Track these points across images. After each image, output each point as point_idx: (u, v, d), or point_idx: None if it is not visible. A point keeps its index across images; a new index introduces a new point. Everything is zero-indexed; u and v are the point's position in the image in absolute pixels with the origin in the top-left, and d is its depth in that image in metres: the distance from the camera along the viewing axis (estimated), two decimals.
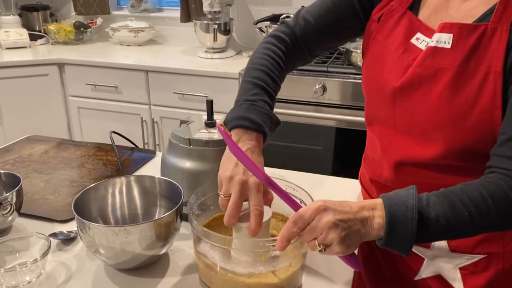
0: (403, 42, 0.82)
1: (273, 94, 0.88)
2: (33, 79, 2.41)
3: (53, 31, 2.71)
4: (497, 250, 0.83)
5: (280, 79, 0.92)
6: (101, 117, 2.46)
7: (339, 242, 0.65)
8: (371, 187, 0.96)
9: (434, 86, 0.76)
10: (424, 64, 0.78)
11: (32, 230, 0.87)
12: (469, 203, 0.66)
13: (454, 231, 0.68)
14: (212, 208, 0.86)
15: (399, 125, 0.83)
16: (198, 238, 0.75)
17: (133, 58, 2.44)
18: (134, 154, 1.28)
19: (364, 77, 0.91)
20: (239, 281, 0.72)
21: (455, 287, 0.86)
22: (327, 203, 0.67)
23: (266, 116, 0.82)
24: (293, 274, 0.74)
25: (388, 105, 0.84)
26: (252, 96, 0.84)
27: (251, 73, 0.88)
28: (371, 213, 0.67)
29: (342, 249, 0.66)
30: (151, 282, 0.78)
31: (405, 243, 0.66)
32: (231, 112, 0.83)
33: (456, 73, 0.74)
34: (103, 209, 0.86)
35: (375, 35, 0.88)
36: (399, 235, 0.66)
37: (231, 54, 2.46)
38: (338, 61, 2.09)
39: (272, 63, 0.90)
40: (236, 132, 0.79)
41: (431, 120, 0.77)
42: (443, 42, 0.76)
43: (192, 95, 2.22)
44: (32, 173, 1.15)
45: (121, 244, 0.73)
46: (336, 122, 1.96)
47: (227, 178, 0.74)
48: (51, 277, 0.79)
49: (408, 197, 0.67)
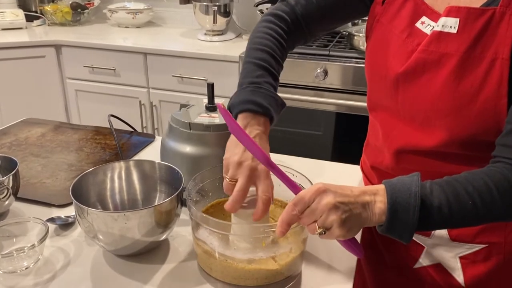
0: (408, 26, 0.80)
1: (276, 75, 0.86)
2: (30, 61, 2.38)
3: (49, 12, 2.66)
4: (498, 240, 0.82)
5: (283, 59, 0.90)
6: (99, 100, 2.44)
7: (340, 224, 0.64)
8: (372, 174, 0.95)
9: (438, 72, 0.74)
10: (428, 49, 0.75)
11: (29, 215, 0.86)
12: (473, 192, 0.65)
13: (457, 220, 0.67)
14: (211, 195, 0.85)
15: (402, 112, 0.81)
16: (196, 224, 0.74)
17: (131, 40, 2.40)
18: (133, 138, 1.26)
19: (367, 62, 0.89)
20: (238, 267, 0.71)
21: (454, 276, 0.86)
22: (327, 186, 0.66)
23: (272, 99, 0.80)
24: (293, 260, 0.73)
25: (391, 92, 0.82)
26: (256, 78, 0.82)
27: (253, 54, 0.86)
28: (372, 198, 0.66)
29: (342, 232, 0.65)
30: (151, 268, 0.77)
31: (407, 230, 0.65)
32: (235, 95, 0.81)
33: (462, 59, 0.72)
34: (101, 194, 0.85)
35: (379, 18, 0.85)
36: (400, 222, 0.65)
37: (231, 37, 2.43)
38: (340, 45, 2.06)
39: (274, 42, 0.88)
40: (244, 116, 0.78)
41: (435, 107, 0.75)
42: (449, 26, 0.73)
43: (191, 78, 2.20)
44: (29, 156, 1.14)
45: (120, 230, 0.72)
46: (336, 107, 1.94)
47: (235, 163, 0.73)
48: (49, 263, 0.78)
49: (411, 184, 0.66)
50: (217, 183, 0.82)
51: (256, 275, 0.71)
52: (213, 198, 0.85)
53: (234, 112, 0.79)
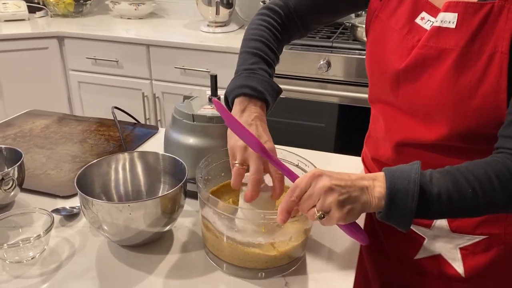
0: (408, 22, 0.79)
1: (271, 63, 0.87)
2: (33, 53, 2.38)
3: (52, 3, 2.66)
4: (498, 231, 0.82)
5: (278, 50, 0.91)
6: (102, 92, 2.44)
7: (338, 206, 0.64)
8: (373, 166, 0.95)
9: (438, 67, 0.74)
10: (428, 45, 0.75)
11: (34, 206, 0.87)
12: (473, 181, 0.65)
13: (456, 209, 0.67)
14: (223, 175, 0.86)
15: (403, 106, 0.82)
16: (204, 205, 0.74)
17: (134, 32, 2.39)
18: (136, 129, 1.27)
19: (368, 58, 0.89)
20: (238, 248, 0.72)
21: (455, 267, 0.86)
22: (323, 171, 0.66)
23: (267, 84, 0.81)
24: (293, 248, 0.74)
25: (392, 87, 0.82)
26: (251, 65, 0.83)
27: (248, 44, 0.88)
28: (371, 183, 0.66)
29: (341, 214, 0.64)
30: (155, 259, 0.78)
31: (405, 217, 0.65)
32: (231, 82, 0.82)
33: (461, 54, 0.72)
34: (106, 185, 0.86)
35: (378, 13, 0.85)
36: (399, 208, 0.64)
37: (234, 28, 2.42)
38: (343, 36, 2.06)
39: (269, 33, 0.89)
40: (240, 100, 0.79)
41: (435, 102, 0.75)
42: (447, 22, 0.73)
43: (194, 70, 2.20)
44: (34, 148, 1.14)
45: (125, 221, 0.72)
46: (339, 98, 1.94)
47: (242, 148, 0.73)
48: (55, 253, 0.78)
49: (411, 171, 0.65)
50: (222, 167, 0.84)
51: (255, 259, 0.72)
52: (220, 181, 0.86)
53: (230, 97, 0.81)
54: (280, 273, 0.74)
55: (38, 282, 0.72)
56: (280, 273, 0.74)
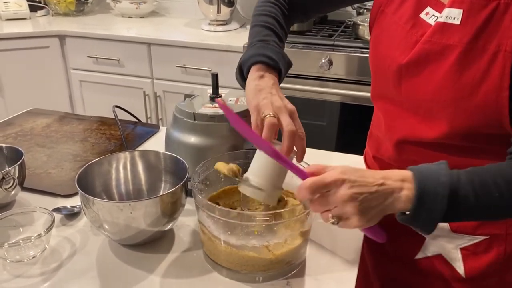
0: (412, 16, 0.79)
1: (281, 38, 0.90)
2: (34, 51, 2.38)
3: (53, 2, 2.66)
4: (499, 232, 0.81)
5: (287, 26, 0.95)
6: (103, 91, 2.44)
7: (358, 215, 0.63)
8: (375, 164, 0.95)
9: (441, 63, 0.74)
10: (431, 40, 0.75)
11: (35, 205, 0.86)
12: (501, 183, 0.64)
13: (482, 212, 0.66)
14: (218, 182, 0.85)
15: (404, 102, 0.81)
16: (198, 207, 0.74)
17: (135, 31, 2.39)
18: (138, 128, 1.27)
19: (371, 53, 0.89)
20: (233, 252, 0.71)
21: (455, 267, 0.85)
22: (347, 175, 0.64)
23: (280, 55, 0.84)
24: (289, 251, 0.73)
25: (394, 83, 0.81)
26: (264, 36, 0.87)
27: (259, 18, 0.92)
28: (399, 185, 0.64)
29: (361, 222, 0.64)
30: (156, 258, 0.77)
31: (432, 220, 0.64)
32: (245, 52, 0.85)
33: (464, 50, 0.71)
34: (107, 184, 0.85)
35: (384, 8, 0.85)
36: (427, 211, 0.63)
37: (235, 27, 2.42)
38: (345, 34, 2.05)
39: (277, 9, 0.94)
40: (257, 68, 0.81)
41: (436, 98, 0.75)
42: (452, 17, 0.72)
43: (195, 68, 2.19)
44: (35, 147, 1.14)
45: (126, 220, 0.72)
46: (341, 97, 1.94)
47: (269, 104, 0.74)
48: (56, 252, 0.78)
49: (439, 172, 0.64)
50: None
51: (251, 262, 0.71)
52: (219, 186, 0.86)
53: (246, 66, 0.83)
54: (279, 278, 0.73)
55: (39, 281, 0.72)
56: (279, 278, 0.73)
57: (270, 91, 0.76)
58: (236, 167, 0.77)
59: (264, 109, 0.74)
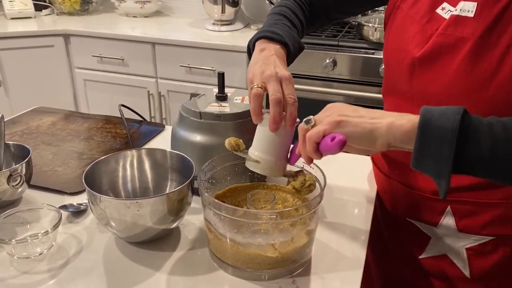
0: (428, 11, 0.79)
1: (295, 24, 0.91)
2: (39, 50, 2.39)
3: (58, 1, 2.67)
4: (506, 233, 0.81)
5: (303, 21, 0.95)
6: (108, 90, 2.44)
7: (333, 119, 0.65)
8: (382, 161, 0.95)
9: (454, 56, 0.74)
10: (445, 33, 0.75)
11: (42, 202, 0.87)
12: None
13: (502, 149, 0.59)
14: (225, 181, 0.86)
15: (415, 96, 0.81)
16: (204, 205, 0.74)
17: (139, 30, 2.40)
18: (143, 127, 1.27)
19: (386, 48, 0.89)
20: (239, 250, 0.71)
21: (460, 268, 0.85)
22: (345, 116, 0.66)
23: (288, 33, 0.85)
24: (295, 250, 0.73)
25: (406, 77, 0.81)
26: (276, 21, 0.88)
27: (275, 10, 0.94)
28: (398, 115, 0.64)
29: (333, 127, 0.65)
30: (162, 255, 0.78)
31: (443, 156, 0.57)
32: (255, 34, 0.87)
33: (477, 43, 0.71)
34: (113, 182, 0.86)
35: (400, 4, 0.85)
36: (436, 130, 0.58)
37: (239, 27, 2.42)
38: (349, 35, 2.05)
39: (296, 5, 0.96)
40: (260, 42, 0.83)
41: (447, 91, 0.75)
42: (466, 10, 0.73)
43: (200, 68, 2.20)
44: (41, 145, 1.15)
45: (133, 218, 0.72)
46: (345, 97, 1.94)
47: (259, 73, 0.75)
48: (62, 249, 0.79)
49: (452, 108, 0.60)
50: (229, 170, 0.84)
51: (257, 260, 0.72)
52: (225, 185, 0.86)
53: (251, 44, 0.85)
54: (285, 276, 0.74)
55: (46, 278, 0.72)
56: (285, 276, 0.74)
57: (265, 61, 0.76)
58: (234, 141, 0.77)
59: (254, 80, 0.75)
